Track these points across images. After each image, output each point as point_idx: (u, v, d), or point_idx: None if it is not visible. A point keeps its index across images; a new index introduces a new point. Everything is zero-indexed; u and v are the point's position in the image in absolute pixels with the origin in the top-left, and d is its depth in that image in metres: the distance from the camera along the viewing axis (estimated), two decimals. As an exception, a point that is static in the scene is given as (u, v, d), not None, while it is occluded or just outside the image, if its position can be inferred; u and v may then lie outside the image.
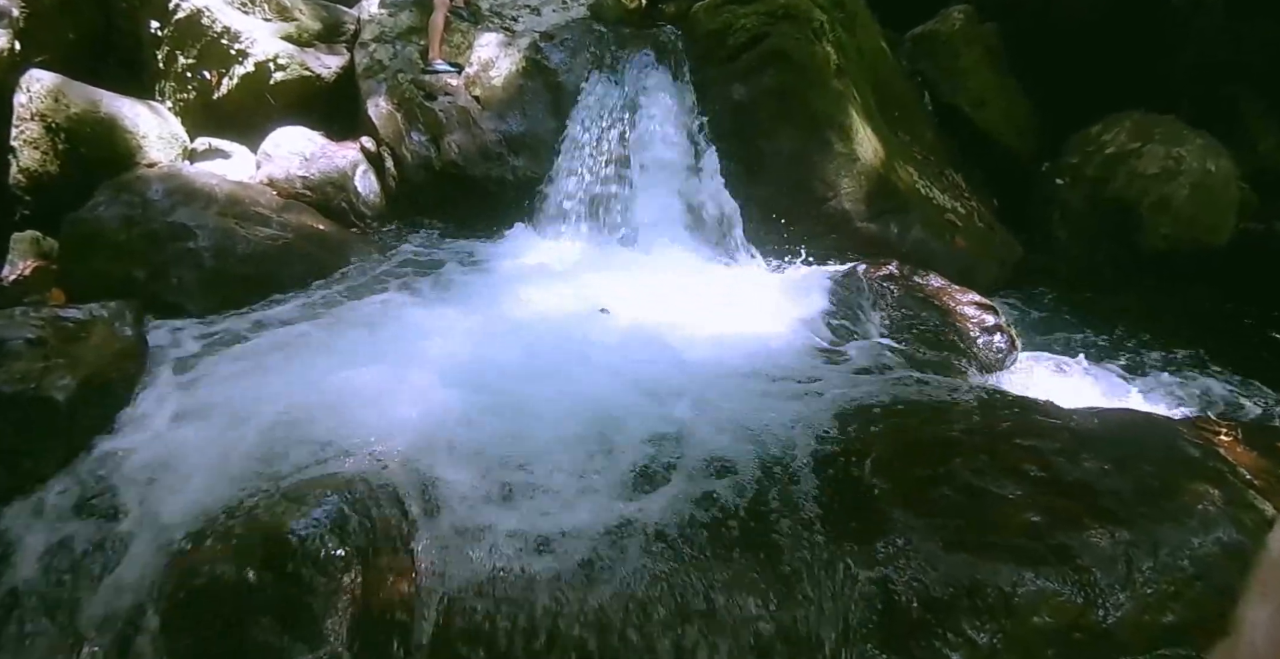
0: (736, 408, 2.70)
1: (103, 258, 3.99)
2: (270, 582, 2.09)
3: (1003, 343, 3.59)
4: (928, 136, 5.54)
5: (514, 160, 4.83)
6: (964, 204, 5.09)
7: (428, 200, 4.91)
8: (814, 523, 2.23)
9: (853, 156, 4.52)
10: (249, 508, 2.25)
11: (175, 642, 2.07)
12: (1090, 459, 2.44)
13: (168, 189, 4.24)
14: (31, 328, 2.95)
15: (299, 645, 2.02)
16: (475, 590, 2.08)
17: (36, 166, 4.88)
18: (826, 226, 4.48)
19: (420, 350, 3.10)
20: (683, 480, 2.40)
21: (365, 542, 2.16)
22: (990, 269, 4.85)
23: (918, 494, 2.29)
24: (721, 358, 3.15)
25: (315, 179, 4.83)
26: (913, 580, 2.08)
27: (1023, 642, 2.07)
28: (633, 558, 2.14)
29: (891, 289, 3.66)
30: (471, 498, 2.28)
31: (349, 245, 4.42)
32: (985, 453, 2.41)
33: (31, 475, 2.57)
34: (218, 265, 3.91)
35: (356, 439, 2.50)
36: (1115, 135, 5.45)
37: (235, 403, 2.75)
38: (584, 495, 2.33)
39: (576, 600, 2.05)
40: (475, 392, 2.72)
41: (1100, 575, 2.15)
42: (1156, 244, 5.18)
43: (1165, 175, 5.19)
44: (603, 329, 3.35)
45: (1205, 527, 2.26)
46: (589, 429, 2.55)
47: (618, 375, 2.90)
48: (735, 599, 2.08)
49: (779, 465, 2.42)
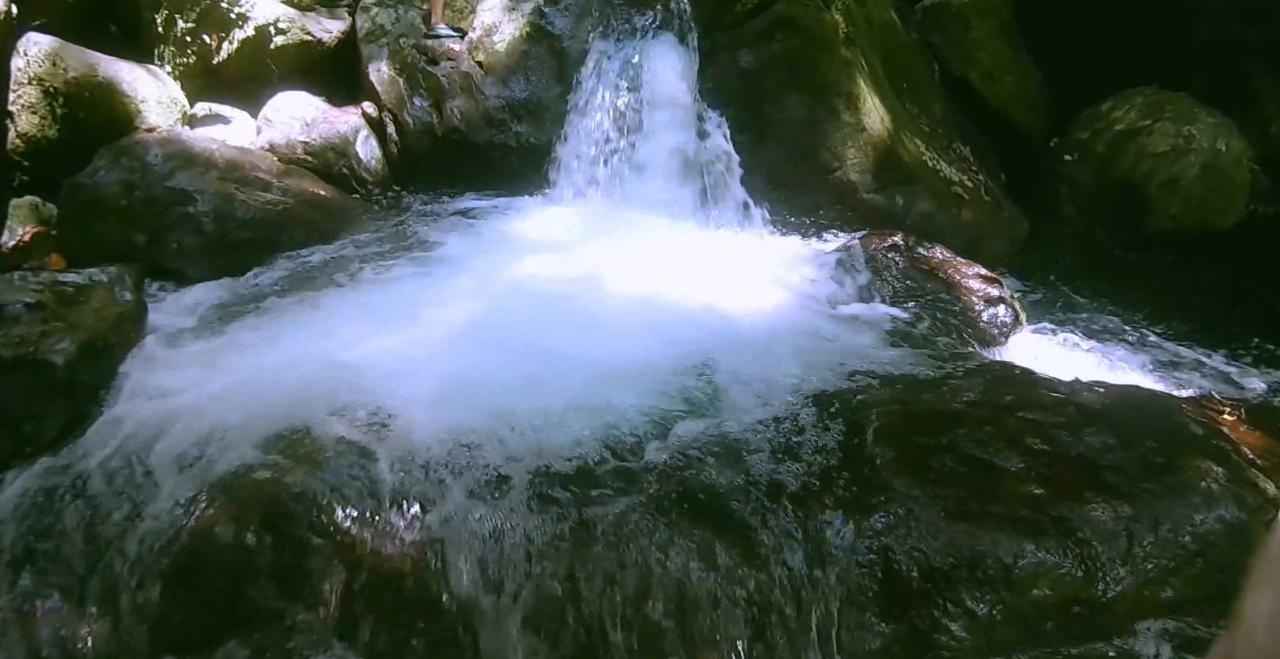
0: (737, 375, 2.69)
1: (102, 223, 3.97)
2: (270, 544, 2.10)
3: (1007, 316, 3.58)
4: (936, 109, 5.47)
5: (517, 126, 4.80)
6: (971, 178, 5.04)
7: (429, 166, 4.88)
8: (814, 490, 2.23)
9: (860, 127, 4.48)
10: (249, 471, 2.26)
11: (175, 603, 2.08)
12: (1093, 434, 2.43)
13: (167, 154, 4.21)
14: (30, 292, 2.94)
15: (297, 607, 2.03)
16: (479, 552, 2.09)
17: (35, 132, 4.82)
18: (832, 197, 4.44)
19: (422, 315, 3.09)
20: (680, 444, 2.40)
21: (366, 504, 2.17)
22: (996, 243, 4.81)
23: (919, 464, 2.28)
24: (723, 325, 3.14)
25: (316, 145, 4.79)
26: (913, 550, 2.08)
27: (1022, 613, 2.08)
28: (630, 521, 2.14)
29: (896, 260, 3.64)
30: (473, 458, 2.29)
31: (350, 211, 4.40)
32: (988, 424, 2.40)
33: (32, 439, 2.57)
34: (218, 230, 3.90)
35: (358, 401, 2.50)
36: (1125, 112, 5.36)
37: (236, 367, 2.75)
38: (583, 458, 2.32)
39: (575, 562, 2.05)
40: (477, 354, 2.72)
41: (1101, 549, 2.15)
42: (1164, 224, 5.12)
43: (1175, 154, 5.12)
44: (603, 294, 3.34)
45: (1208, 503, 2.25)
46: (589, 391, 2.55)
47: (617, 340, 2.89)
48: (733, 564, 2.09)
49: (778, 432, 2.42)
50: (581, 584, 2.05)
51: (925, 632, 2.02)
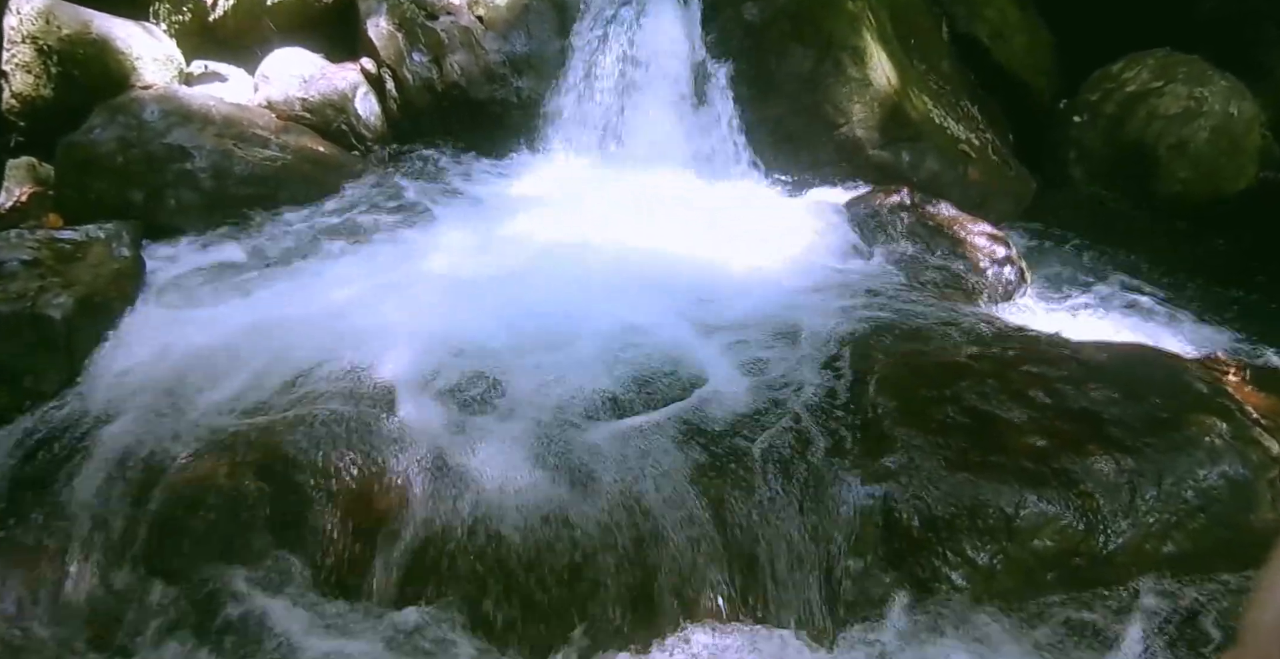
0: (739, 328, 2.68)
1: (99, 181, 3.93)
2: (265, 492, 2.10)
3: (1013, 274, 3.55)
4: (944, 66, 5.39)
5: (518, 81, 4.72)
6: (979, 136, 4.98)
7: (429, 122, 4.81)
8: (815, 439, 2.23)
9: (867, 82, 4.41)
10: (246, 421, 2.26)
11: (170, 550, 2.09)
12: (1098, 388, 2.42)
13: (164, 111, 4.17)
14: (27, 249, 2.96)
15: (291, 554, 2.04)
16: (472, 497, 2.09)
17: (29, 91, 4.77)
18: (837, 153, 4.37)
19: (420, 269, 3.09)
20: (682, 395, 2.40)
21: (359, 454, 2.17)
22: (1003, 203, 4.76)
23: (922, 414, 2.27)
24: (726, 279, 3.13)
25: (315, 101, 4.72)
26: (914, 498, 2.08)
27: (1022, 564, 2.08)
28: (630, 471, 2.14)
29: (902, 216, 3.60)
30: (469, 412, 2.29)
31: (349, 167, 4.36)
32: (992, 377, 2.39)
33: (32, 393, 2.59)
34: (216, 186, 3.86)
35: (354, 354, 2.50)
36: (1137, 73, 5.28)
37: (234, 320, 2.76)
38: (583, 409, 2.32)
39: (572, 509, 2.06)
40: (475, 309, 2.71)
41: (1103, 502, 2.15)
42: (1172, 187, 5.06)
43: (1185, 116, 5.04)
44: (603, 249, 3.31)
45: (1211, 459, 2.25)
46: (591, 345, 2.54)
47: (620, 294, 2.87)
48: (733, 511, 2.09)
49: (781, 382, 2.41)
50: (579, 530, 2.05)
51: (925, 580, 2.03)
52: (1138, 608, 2.12)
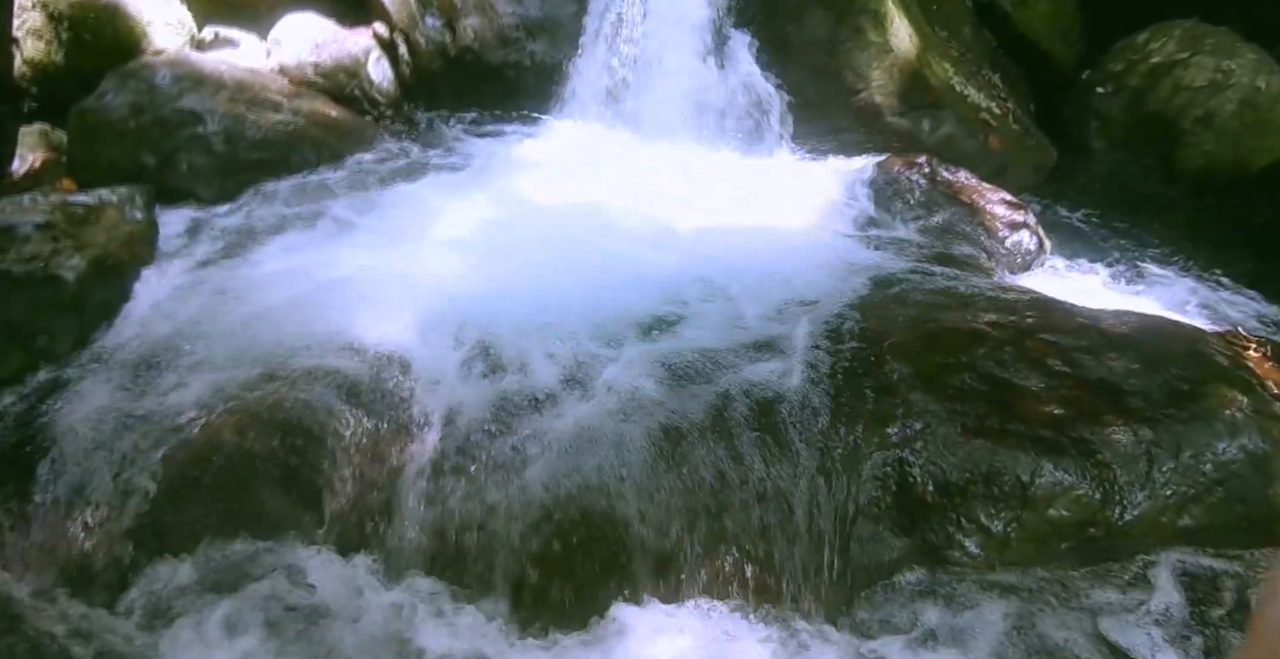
0: (755, 292, 2.66)
1: (112, 146, 3.93)
2: (275, 452, 2.11)
3: (1031, 243, 3.50)
4: (965, 33, 5.29)
5: (532, 45, 4.66)
6: (1000, 105, 4.89)
7: (442, 87, 4.77)
8: (829, 403, 2.20)
9: (886, 47, 4.33)
10: (258, 382, 2.27)
11: (180, 508, 2.10)
12: (1116, 358, 2.38)
13: (176, 76, 4.15)
14: (40, 213, 2.95)
15: (301, 514, 2.04)
16: (485, 457, 2.09)
17: (41, 57, 4.76)
18: (856, 119, 4.31)
19: (431, 234, 3.08)
20: (696, 358, 2.37)
21: (369, 415, 2.18)
22: (1023, 172, 4.69)
23: (937, 380, 2.24)
24: (742, 244, 3.10)
25: (327, 66, 4.69)
26: (928, 464, 2.06)
27: (1037, 532, 2.06)
28: (642, 434, 2.13)
29: (920, 183, 3.55)
30: (479, 369, 2.28)
31: (362, 132, 4.33)
32: (1009, 345, 2.35)
33: (46, 353, 2.61)
34: (228, 151, 3.85)
35: (365, 316, 2.49)
36: (1163, 44, 5.16)
37: (247, 283, 2.77)
38: (591, 374, 2.31)
39: (585, 470, 2.05)
40: (485, 275, 2.70)
41: (1120, 472, 2.12)
42: (1196, 160, 4.96)
43: (1212, 89, 4.93)
44: (619, 215, 3.28)
45: (1231, 432, 2.21)
46: (600, 311, 2.53)
47: (634, 260, 2.86)
48: (746, 475, 2.08)
49: (794, 347, 2.39)
50: (594, 492, 2.05)
51: (938, 546, 2.02)
52: (1153, 581, 2.10)
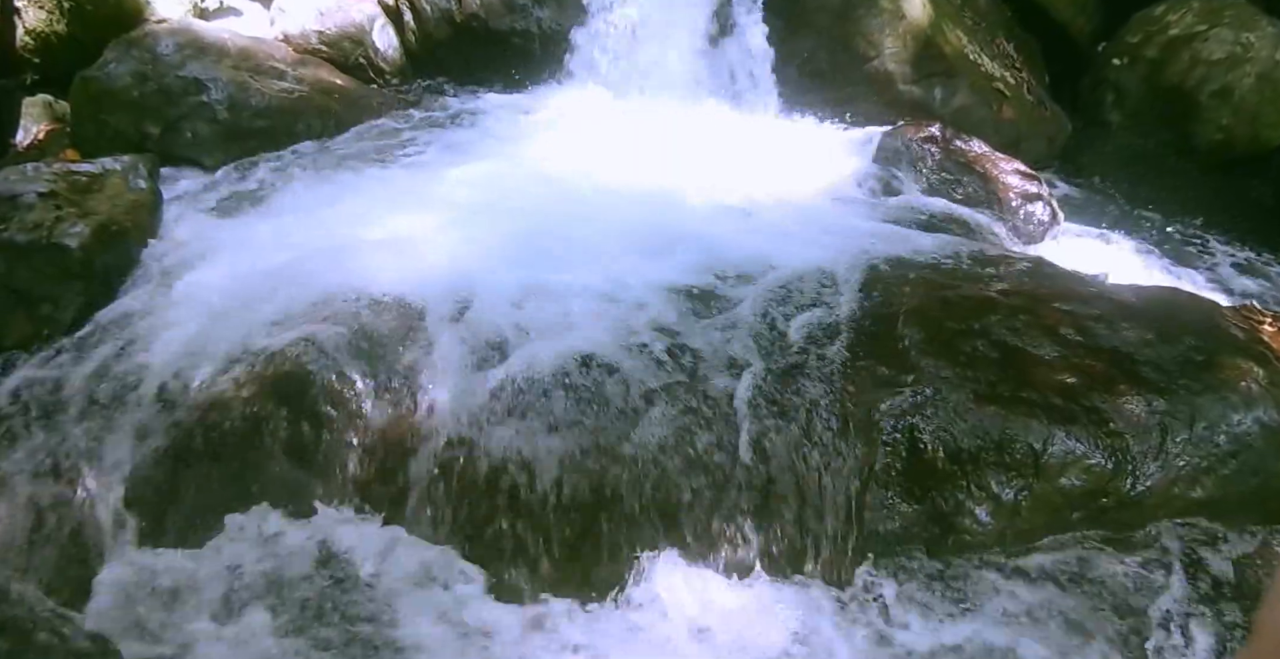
0: (765, 260, 2.63)
1: (115, 115, 3.92)
2: (284, 417, 2.11)
3: (1044, 214, 3.46)
4: (980, 1, 5.22)
5: (539, 12, 4.60)
6: (1014, 75, 4.83)
7: (448, 55, 4.73)
8: (840, 368, 2.18)
9: (899, 14, 4.28)
10: (264, 349, 2.26)
11: (190, 475, 2.10)
12: (1130, 329, 2.35)
13: (179, 44, 4.13)
14: (43, 182, 2.95)
15: (311, 478, 2.04)
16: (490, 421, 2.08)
17: (43, 27, 4.72)
18: (867, 87, 4.26)
19: (436, 199, 3.04)
20: (706, 325, 2.36)
21: (377, 379, 2.17)
22: (1037, 143, 4.64)
23: (949, 347, 2.22)
24: (753, 212, 3.07)
25: (332, 34, 4.66)
26: (940, 430, 2.03)
27: (1048, 501, 2.05)
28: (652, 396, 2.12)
29: (932, 151, 3.50)
30: (484, 337, 2.27)
31: (367, 100, 4.31)
32: (1022, 313, 2.32)
33: (50, 321, 2.60)
34: (232, 118, 3.83)
35: (372, 281, 2.48)
36: (1181, 16, 5.05)
37: (251, 250, 2.74)
38: (602, 335, 2.29)
39: (595, 436, 2.04)
40: (492, 239, 2.68)
41: (1133, 442, 2.10)
42: (1213, 134, 4.87)
43: (1230, 62, 4.83)
44: (627, 181, 3.24)
45: (1246, 404, 2.18)
46: (608, 275, 2.50)
47: (640, 225, 2.82)
48: (757, 438, 2.06)
49: (807, 313, 2.37)
50: (602, 457, 2.04)
51: (948, 514, 2.00)
52: (1164, 552, 2.09)
